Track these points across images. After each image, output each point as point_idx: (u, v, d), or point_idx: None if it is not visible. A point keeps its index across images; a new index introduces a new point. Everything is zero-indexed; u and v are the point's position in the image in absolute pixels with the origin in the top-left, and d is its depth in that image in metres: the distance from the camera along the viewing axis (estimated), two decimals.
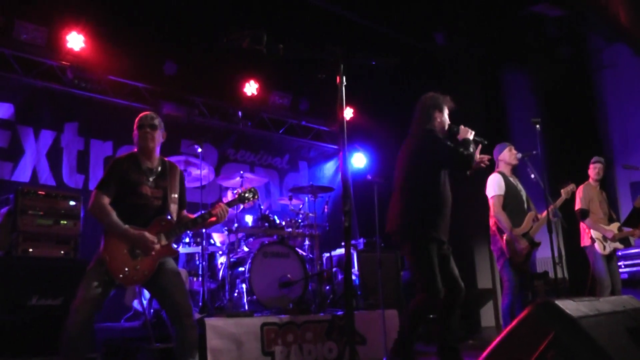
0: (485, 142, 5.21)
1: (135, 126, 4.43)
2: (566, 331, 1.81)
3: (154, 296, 4.56)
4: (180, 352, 4.20)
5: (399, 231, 4.93)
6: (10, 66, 7.81)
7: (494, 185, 6.13)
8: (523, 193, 6.26)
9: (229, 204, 4.64)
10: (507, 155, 6.31)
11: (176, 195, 4.47)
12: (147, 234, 4.16)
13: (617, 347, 1.97)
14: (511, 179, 6.24)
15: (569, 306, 1.89)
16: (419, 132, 5.04)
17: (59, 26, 7.96)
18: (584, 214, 7.31)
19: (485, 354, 1.91)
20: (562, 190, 6.41)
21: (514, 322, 1.91)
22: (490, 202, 6.11)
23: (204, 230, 6.62)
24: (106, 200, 4.19)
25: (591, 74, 11.27)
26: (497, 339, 1.92)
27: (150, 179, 4.36)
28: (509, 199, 6.08)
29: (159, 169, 4.45)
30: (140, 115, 4.48)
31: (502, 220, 5.98)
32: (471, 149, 4.93)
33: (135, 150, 4.44)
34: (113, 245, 4.13)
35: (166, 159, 4.60)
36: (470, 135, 5.08)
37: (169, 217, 4.37)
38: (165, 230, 4.29)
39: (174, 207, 4.45)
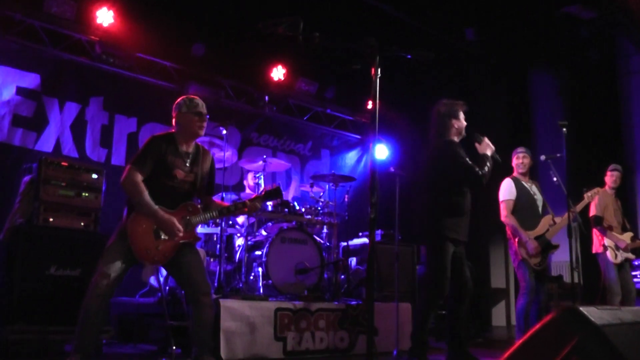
0: (500, 161, 5.34)
1: (184, 109, 4.45)
2: (590, 338, 1.82)
3: (171, 274, 4.62)
4: (195, 330, 4.26)
5: (421, 231, 5.26)
6: (39, 38, 7.86)
7: (505, 190, 6.29)
8: (538, 197, 6.33)
9: (259, 200, 4.69)
10: (515, 162, 6.42)
11: (205, 182, 4.53)
12: (175, 220, 4.19)
13: (638, 357, 1.97)
14: (525, 183, 6.31)
15: (593, 313, 1.90)
16: (439, 144, 5.25)
17: (88, 1, 8.00)
18: (598, 220, 7.27)
19: (507, 354, 1.93)
20: (585, 194, 6.42)
21: (538, 325, 1.92)
22: (501, 207, 6.22)
23: None
24: (139, 177, 4.19)
25: (619, 79, 11.15)
26: (520, 340, 1.94)
27: (187, 163, 4.39)
28: (521, 203, 6.19)
29: (194, 154, 4.48)
30: (194, 99, 4.50)
31: (510, 223, 6.14)
32: (487, 167, 5.08)
33: (174, 130, 4.47)
34: (139, 223, 4.16)
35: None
36: (489, 151, 5.21)
37: (197, 203, 4.45)
38: (192, 215, 4.34)
39: (202, 192, 4.53)
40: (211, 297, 4.38)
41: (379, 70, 3.07)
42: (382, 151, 11.16)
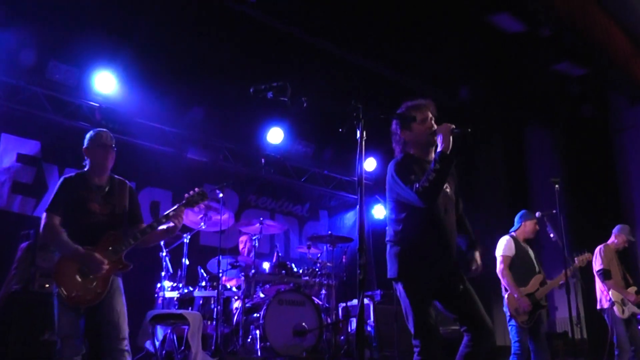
0: (469, 130, 3.89)
1: (90, 144, 4.40)
2: None
3: (90, 317, 4.13)
4: None
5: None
6: (40, 104, 7.99)
7: (504, 247, 6.33)
8: (533, 258, 6.36)
9: (183, 206, 4.48)
10: (531, 227, 6.44)
11: (124, 212, 4.42)
12: (95, 254, 4.08)
13: None
14: (522, 244, 6.37)
15: None
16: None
17: (90, 68, 8.15)
18: (607, 274, 7.22)
19: None
20: (576, 258, 6.46)
21: None
22: (498, 261, 6.25)
23: (220, 274, 6.65)
24: (56, 220, 4.16)
25: (613, 134, 11.25)
26: None
27: (99, 196, 4.33)
28: (519, 260, 6.24)
29: (108, 186, 4.42)
30: (99, 132, 4.47)
31: (506, 279, 6.16)
32: (430, 176, 3.77)
33: (86, 169, 4.41)
34: (64, 266, 4.08)
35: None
36: (449, 139, 3.87)
37: (117, 232, 4.29)
38: (115, 244, 4.21)
39: (124, 223, 4.41)
40: (125, 344, 4.10)
41: (364, 133, 3.11)
42: (380, 211, 11.18)
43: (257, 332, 6.50)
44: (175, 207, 4.46)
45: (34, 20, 7.10)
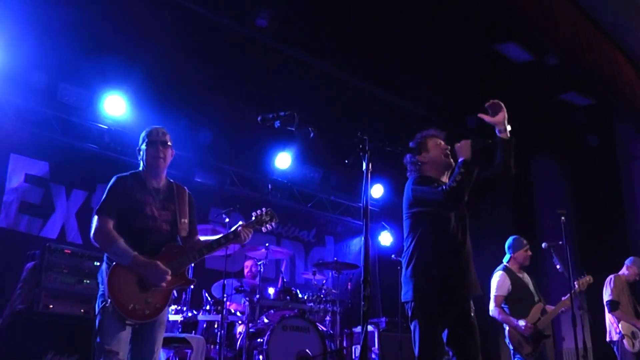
0: (490, 142, 4.12)
1: (141, 142, 4.08)
2: None
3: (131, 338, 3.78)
4: None
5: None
6: (50, 126, 8.04)
7: (498, 285, 6.25)
8: (531, 286, 6.30)
9: (251, 224, 4.23)
10: (522, 256, 6.36)
11: (186, 221, 4.04)
12: (159, 262, 3.72)
13: None
14: (518, 274, 6.28)
15: None
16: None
17: (100, 91, 8.20)
18: (615, 305, 7.16)
19: None
20: (576, 282, 6.37)
21: None
22: (491, 299, 6.19)
23: (225, 298, 6.64)
24: (110, 224, 3.76)
25: (620, 164, 11.24)
26: None
27: (157, 200, 3.95)
28: (517, 292, 6.18)
29: (166, 190, 4.06)
30: (150, 129, 4.13)
31: (501, 316, 6.13)
32: (457, 177, 3.85)
33: (140, 169, 4.08)
34: (120, 276, 3.68)
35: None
36: (468, 150, 3.97)
37: (180, 244, 3.98)
38: (179, 256, 3.87)
39: (184, 234, 4.03)
40: None
41: (370, 165, 3.14)
42: (386, 238, 11.18)
43: (261, 357, 6.46)
44: (241, 223, 4.16)
45: (45, 42, 7.16)
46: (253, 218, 4.26)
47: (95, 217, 3.80)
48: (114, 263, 3.71)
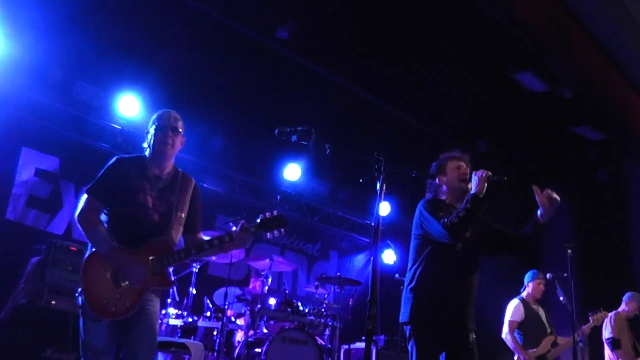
0: (505, 179, 4.10)
1: (151, 125, 3.80)
2: None
3: (117, 334, 3.53)
4: None
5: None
6: (63, 122, 8.08)
7: (513, 311, 6.39)
8: (544, 318, 6.34)
9: (252, 230, 3.78)
10: (535, 289, 6.44)
11: (183, 215, 3.71)
12: (138, 258, 3.43)
13: None
14: (532, 306, 6.36)
15: None
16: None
17: (115, 91, 8.26)
18: (616, 344, 7.14)
19: None
20: (592, 317, 6.41)
21: None
22: (505, 325, 6.24)
23: (226, 306, 6.65)
24: (97, 206, 3.54)
25: (628, 200, 11.20)
26: None
27: (155, 189, 3.66)
28: (530, 323, 6.23)
29: (169, 179, 3.76)
30: (161, 112, 3.84)
31: (511, 343, 6.26)
32: (460, 212, 3.83)
33: (145, 153, 3.81)
34: (95, 266, 3.41)
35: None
36: (484, 184, 3.92)
37: (168, 239, 3.60)
38: (162, 254, 3.51)
39: (177, 228, 3.67)
40: None
41: (384, 186, 3.16)
42: (390, 256, 11.16)
43: None
44: (242, 223, 3.77)
45: (63, 40, 7.21)
46: (258, 221, 3.80)
47: (84, 196, 3.59)
48: (93, 250, 3.47)
